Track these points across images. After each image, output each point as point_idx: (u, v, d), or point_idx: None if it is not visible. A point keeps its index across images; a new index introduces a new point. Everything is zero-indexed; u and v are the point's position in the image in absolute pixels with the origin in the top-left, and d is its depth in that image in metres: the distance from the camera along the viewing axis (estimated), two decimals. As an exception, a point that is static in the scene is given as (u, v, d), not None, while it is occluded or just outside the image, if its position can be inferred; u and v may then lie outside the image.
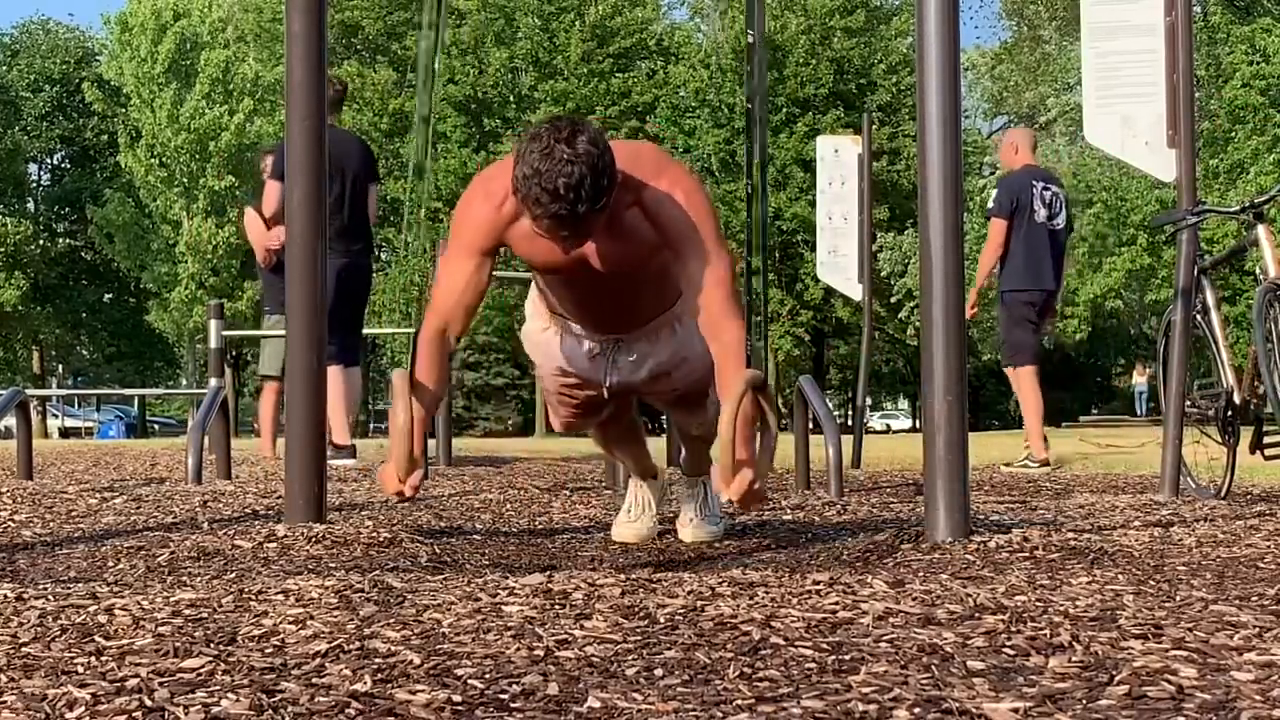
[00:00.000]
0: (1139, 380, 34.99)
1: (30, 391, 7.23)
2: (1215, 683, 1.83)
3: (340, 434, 7.42)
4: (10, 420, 6.55)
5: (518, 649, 2.04)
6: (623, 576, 2.69)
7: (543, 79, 37.18)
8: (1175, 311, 5.32)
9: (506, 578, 2.71)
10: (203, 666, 1.92)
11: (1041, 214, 8.02)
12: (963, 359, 3.59)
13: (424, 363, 3.30)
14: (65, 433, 36.92)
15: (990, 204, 8.20)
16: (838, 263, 9.59)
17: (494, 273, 3.37)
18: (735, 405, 3.05)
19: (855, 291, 9.69)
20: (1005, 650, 2.04)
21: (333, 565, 3.31)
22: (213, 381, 8.29)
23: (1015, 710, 1.69)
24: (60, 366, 46.42)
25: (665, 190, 3.22)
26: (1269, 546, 3.42)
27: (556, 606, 2.36)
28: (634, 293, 3.44)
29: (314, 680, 1.85)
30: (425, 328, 3.33)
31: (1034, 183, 8.11)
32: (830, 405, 6.77)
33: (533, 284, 3.74)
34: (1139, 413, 31.38)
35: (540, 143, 2.95)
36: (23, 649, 2.06)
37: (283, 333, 7.86)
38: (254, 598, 2.45)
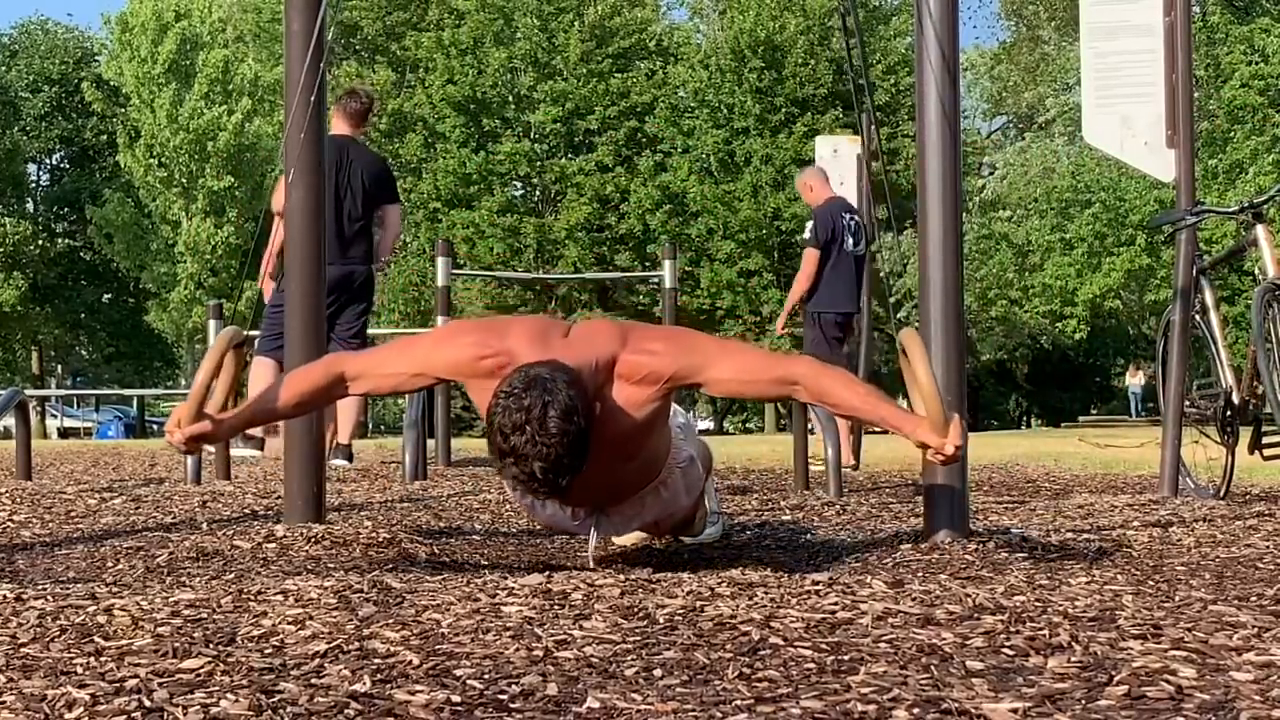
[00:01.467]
0: (1132, 381, 35.00)
1: (29, 392, 7.23)
2: (1214, 683, 1.83)
3: (346, 434, 7.45)
4: (9, 420, 6.54)
5: (517, 649, 2.04)
6: (622, 577, 2.69)
7: (542, 79, 37.16)
8: (1174, 311, 5.32)
9: (505, 578, 2.71)
10: (202, 667, 1.92)
11: (849, 243, 8.47)
12: (962, 359, 3.59)
13: (304, 379, 3.28)
14: (64, 433, 36.88)
15: (807, 234, 8.60)
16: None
17: (496, 275, 3.36)
18: (925, 358, 3.03)
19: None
20: (1004, 650, 2.04)
21: (332, 566, 3.31)
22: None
23: (1014, 710, 1.70)
24: (59, 367, 46.40)
25: (636, 349, 3.13)
26: (1268, 546, 3.42)
27: (555, 607, 2.36)
28: (616, 477, 3.33)
29: (313, 681, 1.85)
30: (339, 361, 3.32)
31: (843, 214, 8.53)
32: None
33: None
34: (1133, 414, 31.38)
35: (511, 418, 2.85)
36: (22, 649, 2.06)
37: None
38: (253, 598, 2.45)
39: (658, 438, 3.31)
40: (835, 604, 2.39)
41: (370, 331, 8.35)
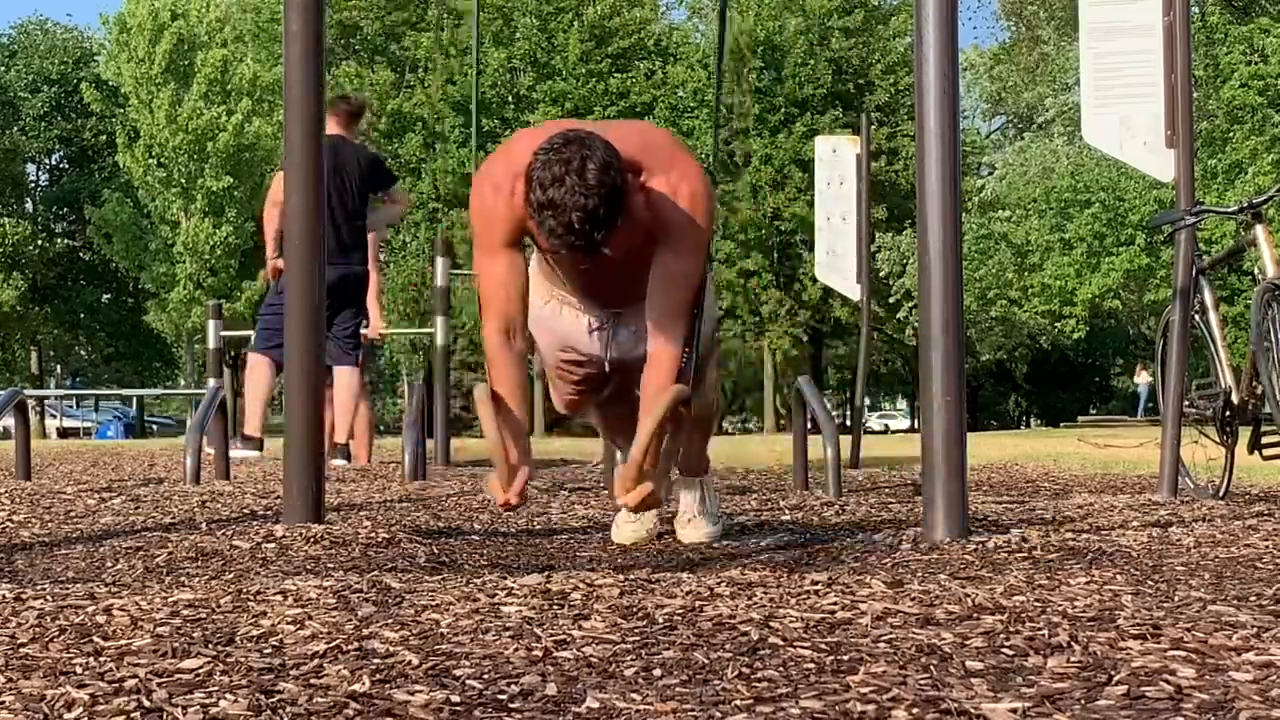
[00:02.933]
0: (1140, 380, 34.98)
1: (28, 392, 7.23)
2: (1214, 683, 1.83)
3: (342, 433, 7.48)
4: (8, 420, 6.54)
5: (516, 649, 2.04)
6: (621, 577, 2.69)
7: (541, 79, 37.17)
8: (1173, 311, 5.32)
9: (505, 578, 2.71)
10: (201, 667, 1.92)
11: None
12: (961, 359, 3.59)
13: (497, 369, 3.32)
14: (64, 433, 36.89)
15: None
16: (836, 263, 9.58)
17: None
18: (656, 420, 3.13)
19: (853, 292, 9.68)
20: (1004, 650, 2.04)
21: (331, 566, 3.31)
22: (211, 382, 8.30)
23: (1014, 710, 1.70)
24: (58, 367, 46.41)
25: (673, 184, 3.24)
26: (1267, 546, 3.42)
27: (555, 607, 2.36)
28: (636, 272, 3.43)
29: (312, 681, 1.85)
30: (486, 338, 3.35)
31: None
32: (829, 405, 6.78)
33: (534, 258, 3.74)
34: (1138, 413, 31.38)
35: (551, 172, 2.95)
36: (21, 649, 2.06)
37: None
38: (252, 598, 2.45)
39: None
40: (834, 604, 2.39)
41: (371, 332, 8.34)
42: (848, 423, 24.69)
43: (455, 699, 1.76)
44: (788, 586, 2.57)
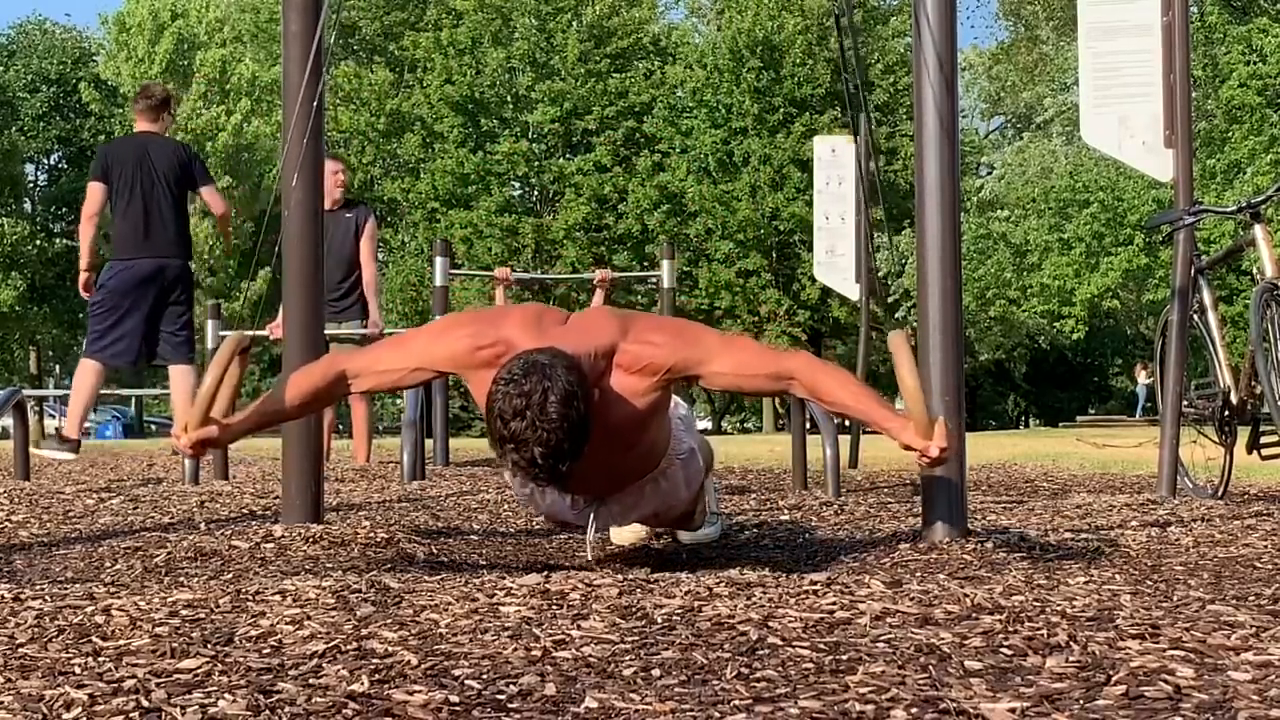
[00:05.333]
0: (1141, 380, 34.94)
1: (27, 392, 7.23)
2: (1212, 683, 1.83)
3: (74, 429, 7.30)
4: (7, 420, 6.54)
5: (515, 649, 2.04)
6: (620, 577, 2.69)
7: (540, 79, 37.16)
8: (1172, 311, 5.32)
9: (504, 578, 2.70)
10: (200, 667, 1.92)
11: None
12: (960, 359, 3.59)
13: (307, 378, 3.26)
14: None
15: None
16: (835, 263, 9.59)
17: (494, 276, 3.36)
18: (910, 361, 3.00)
19: (852, 292, 9.69)
20: (1003, 650, 2.04)
21: (330, 566, 3.31)
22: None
23: (1013, 710, 1.70)
24: (57, 367, 46.36)
25: (637, 339, 3.13)
26: (1266, 546, 3.42)
27: (554, 607, 2.36)
28: (616, 466, 3.33)
29: (311, 681, 1.85)
30: (338, 360, 3.30)
31: None
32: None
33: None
34: (1137, 413, 31.38)
35: (511, 404, 2.86)
36: (20, 650, 2.06)
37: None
38: (251, 598, 2.45)
39: (657, 428, 3.32)
40: (833, 604, 2.39)
41: (370, 331, 8.36)
42: (847, 423, 24.64)
43: (454, 699, 1.76)
44: (786, 586, 2.57)
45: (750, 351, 3.23)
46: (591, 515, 3.46)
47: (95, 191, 7.25)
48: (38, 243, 40.83)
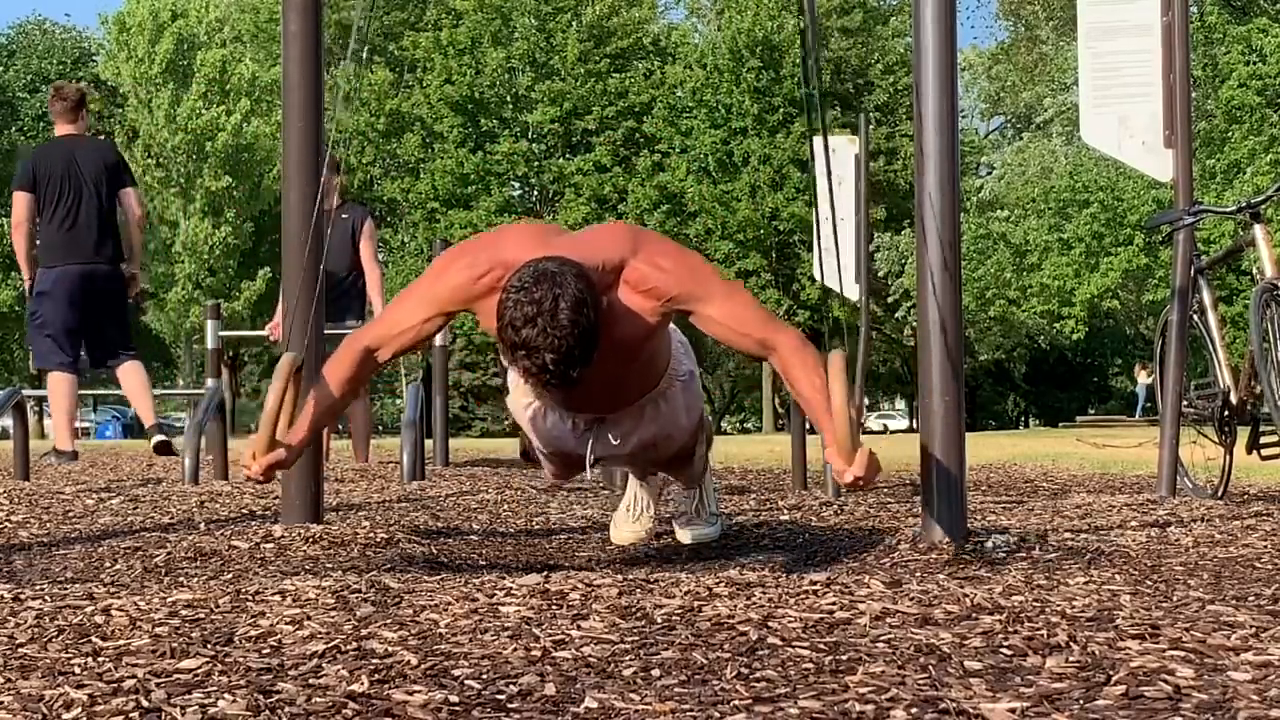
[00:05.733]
0: (1141, 380, 34.96)
1: (27, 392, 7.22)
2: (1212, 683, 1.83)
3: (147, 415, 7.27)
4: (7, 420, 6.54)
5: (515, 649, 2.04)
6: (620, 577, 2.69)
7: (540, 79, 37.18)
8: (1172, 311, 5.31)
9: (503, 578, 2.70)
10: (199, 667, 1.92)
11: None
12: (959, 359, 3.59)
13: (337, 368, 3.25)
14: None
15: None
16: (835, 263, 9.58)
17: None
18: (842, 385, 3.00)
19: (852, 292, 9.68)
20: (1002, 650, 2.04)
21: (330, 566, 3.31)
22: (210, 382, 8.30)
23: (1012, 710, 1.70)
24: (57, 367, 46.38)
25: (647, 260, 3.15)
26: (1266, 546, 3.42)
27: (553, 607, 2.36)
28: (618, 377, 3.36)
29: (311, 681, 1.85)
30: (357, 338, 3.29)
31: None
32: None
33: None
34: (1137, 413, 31.39)
35: (522, 311, 2.88)
36: (19, 650, 2.06)
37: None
38: (251, 598, 2.45)
39: (658, 345, 3.36)
40: (833, 604, 2.39)
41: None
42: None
43: (454, 699, 1.76)
44: (786, 586, 2.57)
45: (748, 308, 3.22)
46: (592, 440, 3.50)
47: (21, 200, 7.20)
48: (37, 243, 40.84)
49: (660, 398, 3.51)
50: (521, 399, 3.64)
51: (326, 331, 8.01)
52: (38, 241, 7.32)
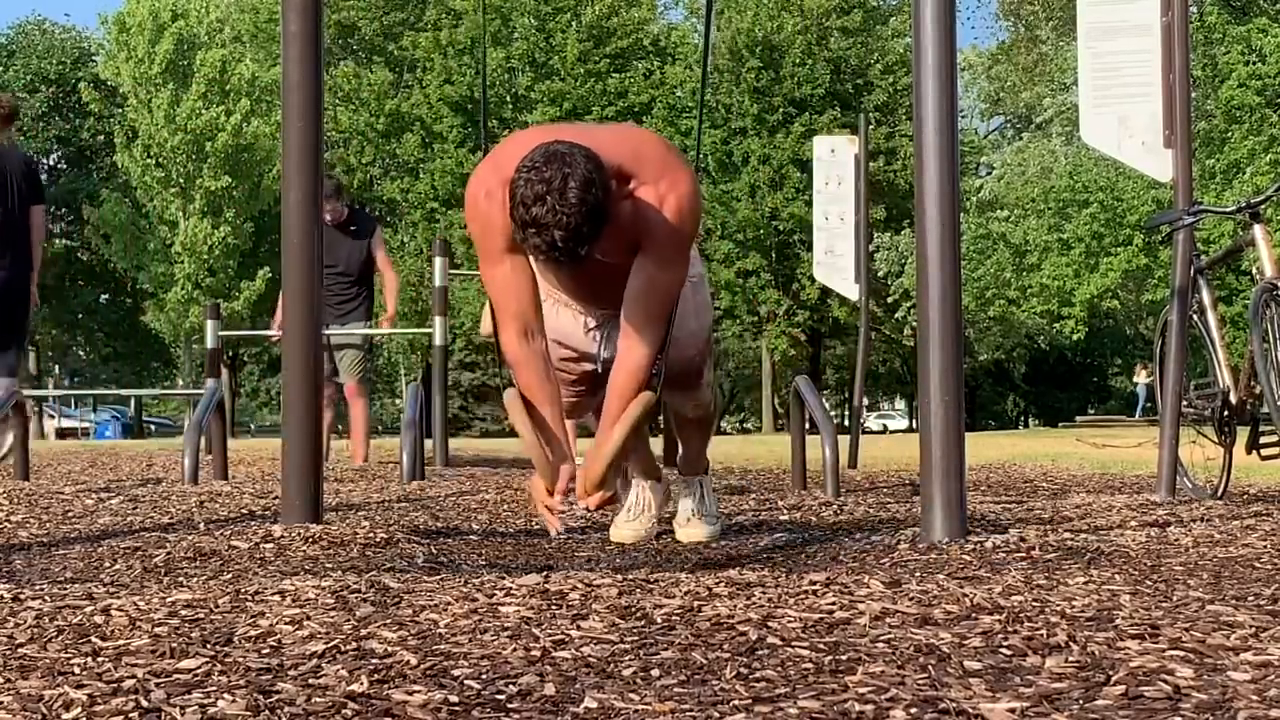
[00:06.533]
0: (1140, 380, 34.96)
1: (26, 392, 7.21)
2: (1212, 683, 1.83)
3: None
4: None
5: (514, 649, 2.04)
6: (619, 577, 2.69)
7: (539, 79, 37.18)
8: (1172, 311, 5.32)
9: (503, 578, 2.70)
10: (199, 667, 1.92)
11: None
12: (959, 359, 3.59)
13: (523, 371, 3.32)
14: (62, 433, 36.87)
15: None
16: (834, 263, 9.59)
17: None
18: (625, 429, 3.17)
19: (852, 292, 9.69)
20: (1002, 650, 2.04)
21: (329, 566, 3.31)
22: (209, 382, 8.31)
23: (1012, 710, 1.70)
24: (57, 367, 46.38)
25: (661, 193, 3.24)
26: (1265, 546, 3.42)
27: (553, 607, 2.36)
28: (628, 274, 3.43)
29: (310, 681, 1.85)
30: (505, 342, 3.35)
31: None
32: (827, 406, 6.79)
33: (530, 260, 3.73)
34: (1137, 413, 31.38)
35: (532, 189, 2.96)
36: (19, 650, 2.06)
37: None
38: (250, 598, 2.45)
39: None
40: (833, 604, 2.39)
41: (369, 331, 8.37)
42: (846, 423, 24.65)
43: (453, 699, 1.76)
44: (786, 586, 2.57)
45: (655, 298, 3.30)
46: (603, 339, 3.60)
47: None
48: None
49: None
50: None
51: (333, 334, 8.04)
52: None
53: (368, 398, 8.45)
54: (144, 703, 1.72)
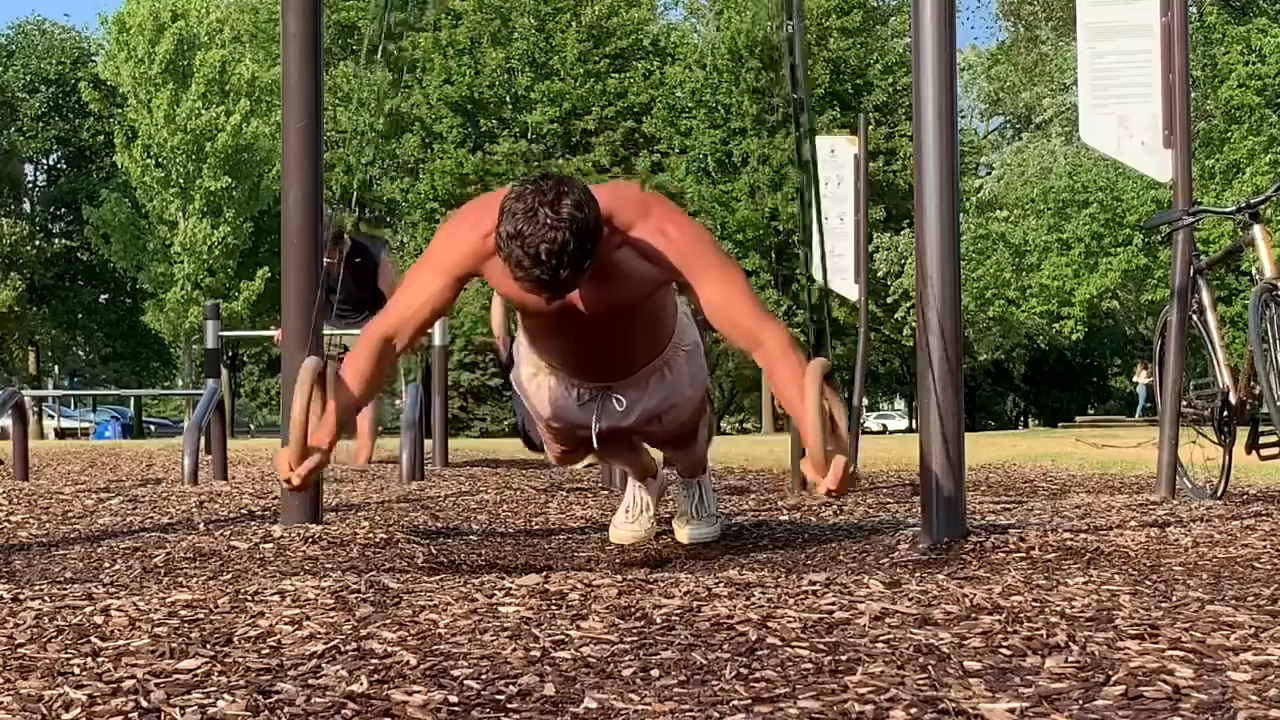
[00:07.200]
0: (1141, 380, 34.92)
1: (26, 392, 7.21)
2: (1211, 683, 1.83)
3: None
4: (6, 420, 6.54)
5: (514, 650, 2.04)
6: (619, 577, 2.69)
7: (539, 79, 37.17)
8: (1171, 312, 5.31)
9: (503, 578, 2.70)
10: (199, 667, 1.92)
11: None
12: (959, 359, 3.59)
13: (357, 362, 3.25)
14: (61, 433, 36.87)
15: None
16: (834, 263, 9.58)
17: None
18: (817, 393, 2.98)
19: (851, 292, 9.69)
20: (1002, 650, 2.04)
21: (329, 566, 3.31)
22: (209, 382, 8.30)
23: (1012, 710, 1.70)
24: (56, 367, 46.37)
25: (655, 226, 3.17)
26: (1265, 547, 3.42)
27: (553, 607, 2.36)
28: (623, 340, 3.38)
29: (310, 681, 1.85)
30: (373, 329, 3.29)
31: None
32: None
33: (520, 328, 3.69)
34: (1137, 413, 31.38)
35: (524, 203, 2.91)
36: (19, 650, 2.06)
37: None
38: (250, 599, 2.45)
39: (663, 309, 3.37)
40: (832, 604, 2.39)
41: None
42: (846, 423, 24.46)
43: (453, 699, 1.76)
44: (785, 587, 2.57)
45: (743, 295, 3.22)
46: (597, 410, 3.51)
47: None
48: (36, 243, 40.84)
49: (665, 366, 3.53)
50: (527, 369, 3.65)
51: (338, 333, 7.97)
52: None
53: (374, 397, 8.45)
54: (144, 703, 1.72)
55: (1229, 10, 28.69)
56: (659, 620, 2.26)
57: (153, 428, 41.37)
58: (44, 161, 44.36)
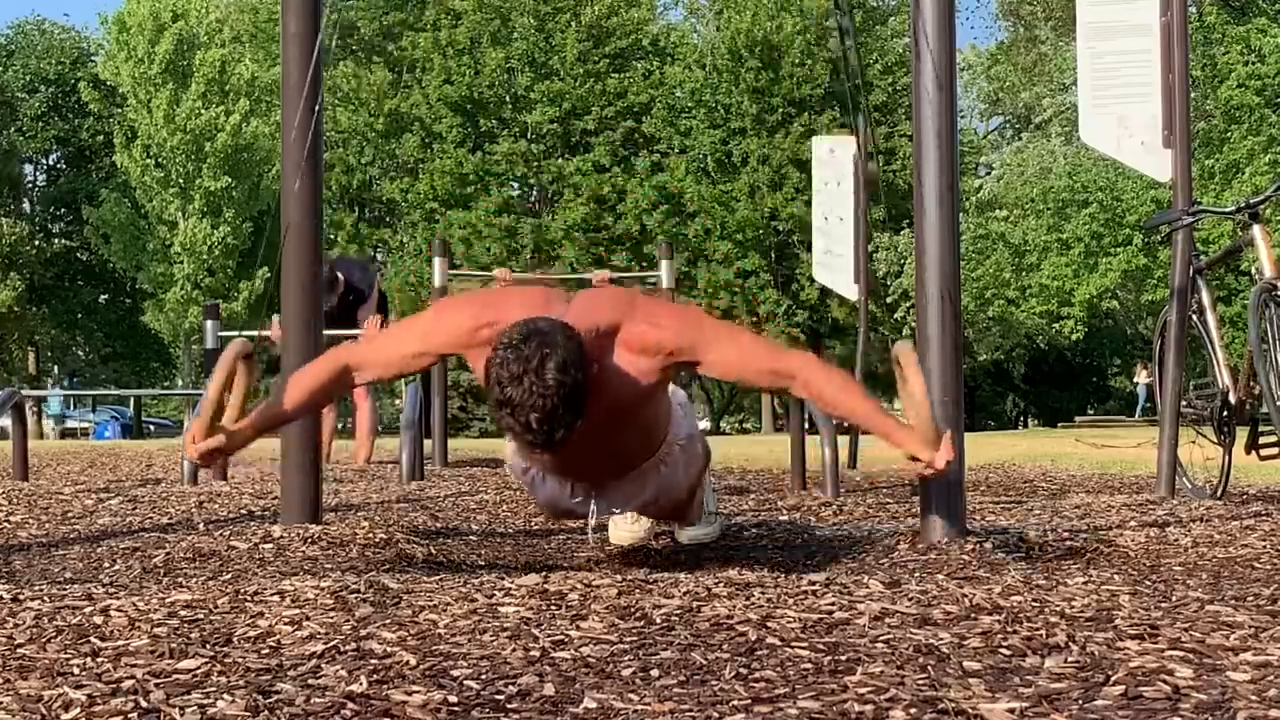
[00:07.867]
0: (1141, 380, 34.90)
1: (26, 392, 7.22)
2: (1211, 683, 1.83)
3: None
4: (6, 420, 6.54)
5: (514, 650, 2.04)
6: (619, 577, 2.69)
7: (538, 79, 37.16)
8: (1171, 312, 5.32)
9: (502, 578, 2.70)
10: (198, 667, 1.92)
11: None
12: (959, 360, 3.59)
13: (308, 377, 3.27)
14: (61, 433, 36.86)
15: None
16: (833, 263, 9.59)
17: (492, 276, 3.37)
18: (919, 374, 3.09)
19: (851, 292, 9.69)
20: (1001, 650, 2.04)
21: (328, 566, 3.31)
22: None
23: (1011, 710, 1.70)
24: (56, 367, 46.36)
25: (643, 318, 3.16)
26: (1265, 547, 3.42)
27: (552, 607, 2.36)
28: (617, 447, 3.33)
29: (310, 681, 1.85)
30: (340, 353, 3.30)
31: None
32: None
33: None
34: (1137, 413, 31.36)
35: (509, 369, 2.88)
36: (18, 650, 2.06)
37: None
38: (250, 599, 2.45)
39: (657, 410, 3.33)
40: (832, 604, 2.39)
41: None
42: (845, 423, 24.53)
43: (453, 699, 1.76)
44: (785, 587, 2.57)
45: (754, 345, 3.25)
46: (592, 505, 3.47)
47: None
48: (36, 243, 40.82)
49: (660, 463, 3.46)
50: (519, 462, 3.61)
51: (336, 334, 7.97)
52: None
53: (374, 398, 8.46)
54: (143, 703, 1.72)
55: (1229, 10, 28.68)
56: (659, 620, 2.26)
57: (152, 428, 41.36)
58: (44, 161, 44.34)
